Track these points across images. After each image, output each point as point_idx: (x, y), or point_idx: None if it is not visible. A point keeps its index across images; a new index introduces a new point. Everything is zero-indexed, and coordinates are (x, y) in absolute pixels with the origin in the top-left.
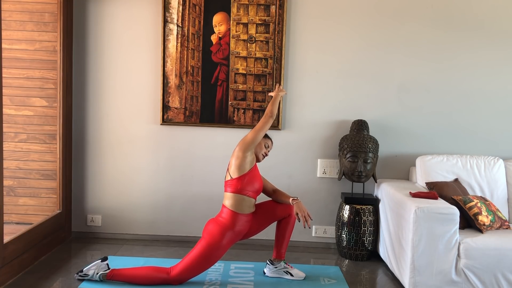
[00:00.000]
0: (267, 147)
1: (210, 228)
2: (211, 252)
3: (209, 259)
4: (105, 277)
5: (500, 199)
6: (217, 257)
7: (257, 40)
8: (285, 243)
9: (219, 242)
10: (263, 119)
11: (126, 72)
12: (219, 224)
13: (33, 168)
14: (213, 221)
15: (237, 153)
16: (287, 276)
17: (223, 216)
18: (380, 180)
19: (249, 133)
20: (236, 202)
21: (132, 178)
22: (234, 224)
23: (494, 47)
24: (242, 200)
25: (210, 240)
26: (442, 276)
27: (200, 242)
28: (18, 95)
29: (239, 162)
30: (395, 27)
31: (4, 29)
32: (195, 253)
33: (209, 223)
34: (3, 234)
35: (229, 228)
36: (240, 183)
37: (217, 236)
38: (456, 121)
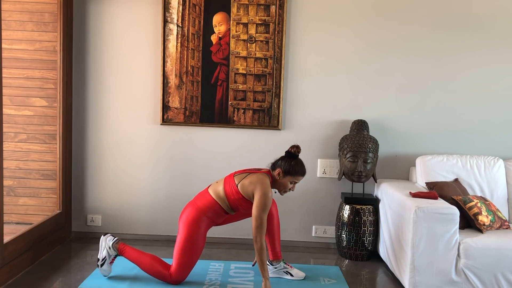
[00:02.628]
0: (293, 184)
1: (187, 215)
2: (193, 242)
3: (193, 250)
4: (117, 248)
5: (500, 199)
6: (200, 245)
7: (257, 40)
8: (276, 241)
9: (197, 229)
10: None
11: (126, 72)
12: (197, 209)
13: (33, 168)
14: (191, 205)
15: (257, 199)
16: (287, 276)
17: (204, 202)
18: (380, 180)
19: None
20: (223, 201)
21: (132, 178)
22: (211, 211)
23: (494, 47)
24: (227, 205)
25: (189, 230)
26: (442, 276)
27: (179, 234)
28: (18, 95)
29: (249, 196)
30: (395, 27)
31: (4, 29)
32: (179, 248)
33: (186, 209)
34: (3, 234)
35: (206, 214)
36: (240, 200)
37: (195, 223)
38: (456, 121)
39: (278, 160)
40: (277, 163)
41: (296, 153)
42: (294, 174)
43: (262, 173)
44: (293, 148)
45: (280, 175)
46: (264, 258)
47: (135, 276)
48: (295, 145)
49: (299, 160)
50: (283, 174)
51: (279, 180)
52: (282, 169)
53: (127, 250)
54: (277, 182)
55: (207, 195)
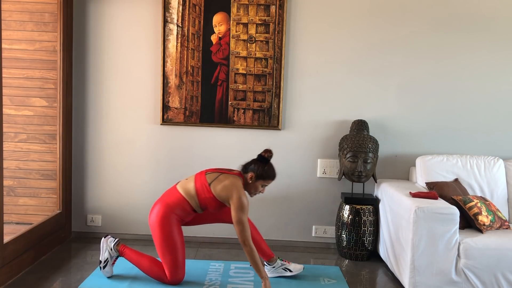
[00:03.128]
0: (264, 186)
1: (156, 213)
2: (169, 240)
3: (173, 247)
4: (118, 250)
5: (500, 199)
6: (178, 241)
7: (257, 40)
8: (261, 243)
9: (168, 227)
10: (242, 241)
11: (126, 72)
12: (165, 206)
13: (33, 168)
14: (159, 203)
15: (234, 203)
16: (286, 272)
17: (172, 199)
18: (380, 180)
19: (237, 216)
20: (192, 199)
21: (132, 178)
22: (179, 209)
23: (494, 48)
24: (196, 203)
25: (160, 230)
26: (442, 276)
27: (154, 238)
28: (18, 95)
29: (222, 199)
30: (395, 27)
31: (4, 29)
32: (160, 251)
33: (154, 206)
34: (3, 234)
35: (174, 211)
36: (210, 199)
37: (164, 220)
38: (456, 121)
39: (251, 163)
40: (250, 166)
41: (268, 158)
42: (266, 178)
43: (234, 175)
44: (266, 152)
45: (253, 179)
46: (257, 259)
47: (135, 276)
48: (268, 150)
49: (271, 165)
50: (255, 178)
51: (250, 184)
52: (255, 173)
53: (127, 252)
54: (248, 185)
55: (175, 192)
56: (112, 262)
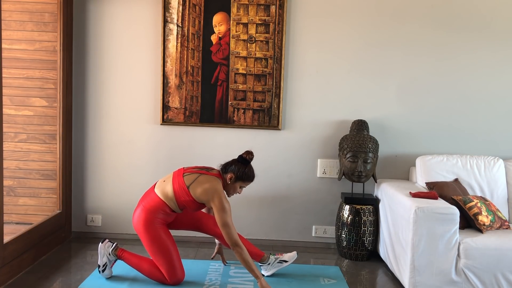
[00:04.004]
0: (242, 188)
1: (137, 219)
2: (158, 244)
3: (164, 250)
4: (116, 254)
5: (500, 199)
6: (168, 242)
7: (257, 40)
8: (250, 247)
9: (154, 231)
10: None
11: (126, 72)
12: (146, 211)
13: (33, 168)
14: (139, 208)
15: (216, 206)
16: (283, 264)
17: (150, 204)
18: (380, 180)
19: (221, 219)
20: (171, 201)
21: (132, 178)
22: (159, 212)
23: (494, 47)
24: (175, 204)
25: (147, 235)
26: (442, 276)
27: (143, 243)
28: (18, 95)
29: (201, 200)
30: (395, 27)
31: (4, 29)
32: (153, 256)
33: (135, 212)
34: (3, 234)
35: (155, 214)
36: (189, 202)
37: (148, 225)
38: (456, 121)
39: (231, 164)
40: (230, 167)
41: (249, 160)
42: (246, 180)
43: (214, 176)
44: (248, 154)
45: (232, 179)
46: (249, 259)
47: (135, 276)
48: (249, 151)
49: (251, 167)
50: (234, 179)
51: (229, 184)
52: (235, 174)
53: (125, 256)
54: (227, 185)
55: (153, 195)
56: (111, 265)
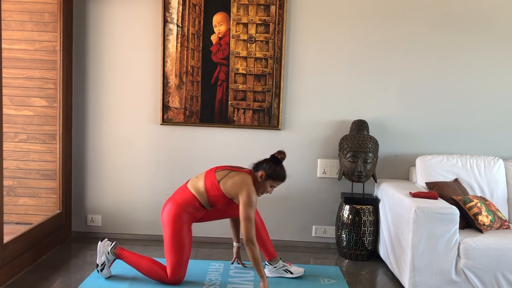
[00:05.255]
0: (273, 187)
1: (167, 211)
2: (179, 239)
3: (182, 246)
4: (115, 253)
5: (500, 199)
6: (187, 240)
7: (257, 40)
8: (267, 241)
9: (180, 225)
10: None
11: (126, 72)
12: (177, 205)
13: (33, 168)
14: (170, 201)
15: (243, 199)
16: (287, 274)
17: (183, 198)
18: (380, 180)
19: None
20: (202, 196)
21: (132, 178)
22: (190, 207)
23: (494, 48)
24: (206, 200)
25: (172, 228)
26: (442, 276)
27: (164, 234)
28: (18, 95)
29: (231, 195)
30: (395, 27)
31: (4, 29)
32: (168, 248)
33: (166, 205)
34: (3, 234)
35: (186, 209)
36: (219, 196)
37: (176, 219)
38: (456, 121)
39: (263, 162)
40: (261, 165)
41: (281, 159)
42: (276, 179)
43: (244, 172)
44: (280, 154)
45: (263, 177)
46: (259, 258)
47: (135, 276)
48: (282, 151)
49: (282, 166)
50: (265, 177)
51: (260, 182)
52: (266, 172)
53: (125, 255)
54: (257, 183)
55: (186, 190)
56: (109, 264)
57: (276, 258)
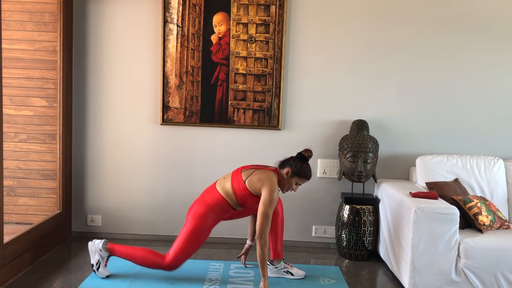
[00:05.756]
0: (298, 185)
1: (195, 210)
2: (198, 235)
3: (197, 242)
4: (107, 249)
5: (500, 199)
6: (204, 238)
7: (257, 40)
8: (278, 241)
9: (204, 224)
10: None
11: (126, 72)
12: (205, 205)
13: (33, 168)
14: (199, 201)
15: (265, 196)
16: (287, 275)
17: (212, 198)
18: (380, 180)
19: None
20: (230, 198)
21: (132, 178)
22: (218, 207)
23: (494, 47)
24: (234, 201)
25: (196, 223)
26: (442, 276)
27: (186, 226)
28: (18, 95)
29: (256, 192)
30: (395, 27)
31: (4, 29)
32: (184, 238)
33: (194, 204)
34: (3, 234)
35: (214, 209)
36: (247, 196)
37: (203, 217)
38: (456, 121)
39: (289, 160)
40: (288, 162)
41: (308, 157)
42: (302, 176)
43: (270, 170)
44: (307, 152)
45: (289, 174)
46: (266, 255)
47: (135, 275)
48: (309, 150)
49: (308, 164)
50: (291, 174)
51: (285, 179)
52: (292, 169)
53: (116, 249)
54: (283, 180)
55: (215, 192)
56: (104, 263)
57: (280, 259)
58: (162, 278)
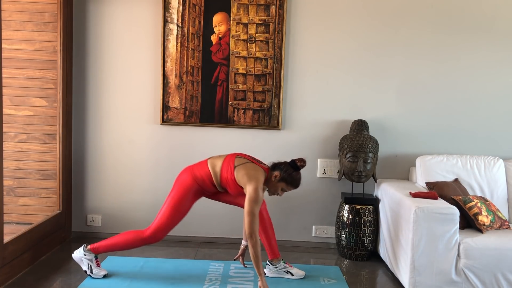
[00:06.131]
0: (284, 191)
1: (183, 179)
2: (182, 203)
3: (179, 212)
4: (89, 250)
5: (500, 199)
6: (186, 210)
7: (257, 40)
8: (272, 239)
9: (188, 194)
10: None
11: (126, 72)
12: (192, 177)
13: (33, 168)
14: (188, 172)
15: (250, 193)
16: (287, 275)
17: (200, 172)
18: (380, 180)
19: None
20: (215, 176)
21: (132, 178)
22: (202, 182)
23: (494, 48)
24: (217, 180)
25: (182, 192)
26: (442, 276)
27: (172, 193)
28: (18, 95)
29: (240, 183)
30: (395, 27)
31: (4, 29)
32: (169, 206)
33: (182, 173)
34: (3, 234)
35: (198, 182)
36: (230, 181)
37: (188, 187)
38: (456, 121)
39: (281, 164)
40: (279, 166)
41: (300, 167)
42: (290, 183)
43: (261, 168)
44: (301, 161)
45: (277, 178)
46: (259, 254)
47: (135, 275)
48: (303, 159)
49: (299, 173)
50: (279, 178)
51: (272, 182)
52: (281, 174)
53: (97, 246)
54: (270, 182)
55: (204, 166)
56: (95, 263)
57: (279, 259)
58: (162, 278)
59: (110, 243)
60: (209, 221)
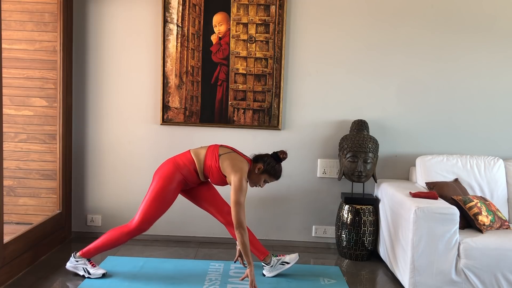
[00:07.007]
0: (266, 182)
1: (164, 170)
2: (165, 194)
3: (163, 203)
4: (80, 256)
5: (500, 199)
6: (170, 201)
7: (257, 40)
8: (255, 241)
9: (171, 184)
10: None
11: (126, 72)
12: (174, 165)
13: (33, 168)
14: (169, 162)
15: (235, 183)
16: (285, 266)
17: (183, 160)
18: (380, 180)
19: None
20: (199, 164)
21: (132, 178)
22: (186, 170)
23: (494, 48)
24: (201, 168)
25: (163, 183)
26: (442, 276)
27: (152, 185)
28: (18, 95)
29: (224, 171)
30: (395, 27)
31: (4, 29)
32: (150, 198)
33: (163, 165)
34: (3, 234)
35: (181, 171)
36: (214, 169)
37: (170, 177)
38: (456, 121)
39: (264, 156)
40: (262, 158)
41: (282, 159)
42: (272, 175)
43: (245, 159)
44: (283, 154)
45: (260, 170)
46: (247, 243)
47: (135, 275)
48: (285, 152)
49: (281, 165)
50: (262, 170)
51: (255, 174)
52: (264, 166)
53: (87, 250)
54: (253, 174)
55: (187, 154)
56: (90, 265)
57: (269, 256)
58: (162, 278)
59: (98, 245)
60: (209, 221)
